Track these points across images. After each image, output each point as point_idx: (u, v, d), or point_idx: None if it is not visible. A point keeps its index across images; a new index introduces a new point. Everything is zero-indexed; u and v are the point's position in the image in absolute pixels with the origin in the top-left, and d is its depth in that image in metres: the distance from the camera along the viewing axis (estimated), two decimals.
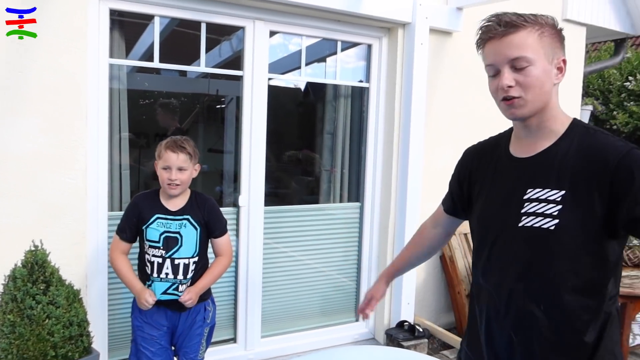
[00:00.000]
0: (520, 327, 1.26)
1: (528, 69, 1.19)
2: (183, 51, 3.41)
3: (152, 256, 2.17)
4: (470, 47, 4.06)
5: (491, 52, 1.24)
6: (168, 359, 2.25)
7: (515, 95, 1.21)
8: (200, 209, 2.21)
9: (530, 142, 1.29)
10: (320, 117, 3.94)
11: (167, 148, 2.13)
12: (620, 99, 7.30)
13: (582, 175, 1.18)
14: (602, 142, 1.20)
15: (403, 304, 3.48)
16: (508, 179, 1.32)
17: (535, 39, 1.20)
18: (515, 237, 1.26)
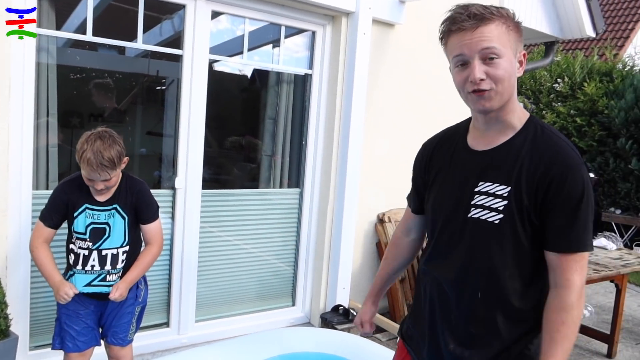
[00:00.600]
0: (461, 311, 1.32)
1: (497, 61, 1.19)
2: (120, 28, 3.26)
3: (79, 248, 2.08)
4: (412, 40, 4.17)
5: (460, 43, 1.22)
6: (94, 340, 2.16)
7: (487, 88, 1.20)
8: (129, 195, 2.10)
9: (488, 135, 1.31)
10: (264, 103, 3.91)
11: (88, 165, 1.91)
12: (549, 99, 7.73)
13: (527, 175, 1.21)
14: (554, 146, 1.22)
15: (339, 289, 3.54)
16: (462, 170, 1.34)
17: (503, 32, 1.21)
18: (463, 227, 1.29)
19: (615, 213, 6.85)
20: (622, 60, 7.80)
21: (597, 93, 7.11)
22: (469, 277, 1.30)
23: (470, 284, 1.30)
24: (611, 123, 6.86)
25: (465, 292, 1.31)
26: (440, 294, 1.37)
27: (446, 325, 1.36)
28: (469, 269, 1.30)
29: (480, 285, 1.28)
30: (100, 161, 1.91)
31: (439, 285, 1.37)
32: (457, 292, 1.32)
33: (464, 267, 1.30)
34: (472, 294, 1.30)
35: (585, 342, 3.87)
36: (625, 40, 10.62)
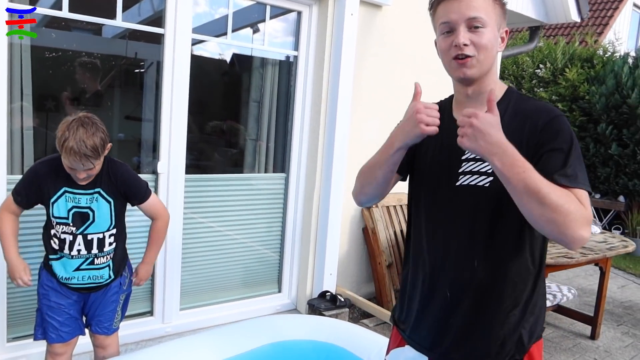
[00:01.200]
0: (456, 282, 1.31)
1: (482, 30, 1.23)
2: (97, 6, 3.12)
3: (62, 233, 1.97)
4: (399, 21, 4.10)
5: (448, 10, 1.25)
6: (78, 330, 2.08)
7: (469, 54, 1.23)
8: (113, 180, 2.00)
9: (471, 106, 1.30)
10: (247, 86, 3.81)
11: (70, 154, 1.80)
12: (531, 85, 7.78)
13: (515, 135, 1.20)
14: (535, 105, 1.27)
15: (325, 275, 3.50)
16: (449, 142, 1.32)
17: (490, 5, 1.25)
18: (453, 196, 1.30)
19: (595, 197, 6.96)
20: (603, 47, 7.87)
21: (579, 79, 7.17)
22: (463, 246, 1.29)
23: (467, 252, 1.29)
24: (592, 109, 6.94)
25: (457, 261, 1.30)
26: (432, 266, 1.35)
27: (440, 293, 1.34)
28: (462, 236, 1.29)
29: (477, 255, 1.27)
30: (84, 152, 1.79)
31: (432, 263, 1.35)
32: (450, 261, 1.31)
33: (457, 234, 1.30)
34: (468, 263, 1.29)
35: (568, 324, 3.93)
36: (604, 27, 10.72)
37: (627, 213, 6.63)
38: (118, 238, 2.08)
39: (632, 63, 6.90)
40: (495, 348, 1.29)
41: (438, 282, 1.34)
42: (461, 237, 1.29)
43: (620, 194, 6.83)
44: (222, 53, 5.41)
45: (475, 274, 1.28)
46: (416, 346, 1.40)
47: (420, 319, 1.39)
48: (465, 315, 1.30)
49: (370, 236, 3.72)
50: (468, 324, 1.30)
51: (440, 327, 1.34)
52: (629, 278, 5.48)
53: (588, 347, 3.57)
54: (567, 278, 5.17)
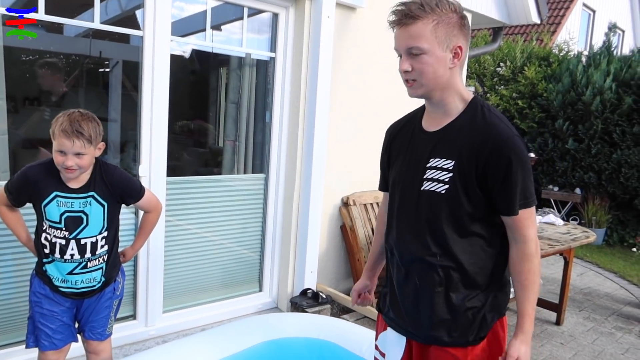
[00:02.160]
0: (423, 274, 1.47)
1: (422, 56, 1.36)
2: (64, 5, 3.05)
3: (54, 237, 1.95)
4: (373, 24, 4.20)
5: (395, 38, 1.41)
6: (71, 337, 2.06)
7: (412, 78, 1.39)
8: (106, 183, 1.99)
9: (437, 117, 1.47)
10: (220, 86, 3.82)
11: (62, 132, 1.81)
12: (492, 83, 8.07)
13: (467, 149, 1.38)
14: (490, 123, 1.38)
15: (306, 273, 3.57)
16: (418, 148, 1.50)
17: (430, 30, 1.34)
18: (418, 198, 1.46)
19: (553, 190, 7.31)
20: (559, 46, 8.24)
21: (537, 77, 7.49)
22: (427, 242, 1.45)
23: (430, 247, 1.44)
24: (550, 105, 7.27)
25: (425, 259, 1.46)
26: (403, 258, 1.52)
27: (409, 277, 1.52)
28: (425, 234, 1.45)
29: (438, 249, 1.44)
30: (76, 128, 1.82)
31: (402, 257, 1.52)
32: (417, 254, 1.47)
33: (420, 232, 1.46)
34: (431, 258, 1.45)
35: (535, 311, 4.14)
36: (557, 26, 11.21)
37: (583, 204, 7.00)
38: (110, 240, 2.07)
39: (585, 62, 7.27)
40: (461, 327, 1.45)
41: (409, 272, 1.50)
42: (425, 234, 1.45)
43: (576, 187, 7.21)
44: (197, 53, 5.37)
45: (438, 265, 1.44)
46: (395, 327, 1.58)
47: (397, 303, 1.56)
48: (432, 300, 1.46)
49: (348, 233, 3.81)
50: (435, 307, 1.46)
51: (413, 310, 1.51)
52: (586, 266, 5.80)
53: (554, 333, 3.78)
54: None
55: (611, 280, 5.30)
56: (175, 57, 3.05)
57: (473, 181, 1.37)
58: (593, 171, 6.90)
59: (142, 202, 2.13)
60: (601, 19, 12.87)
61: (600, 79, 6.75)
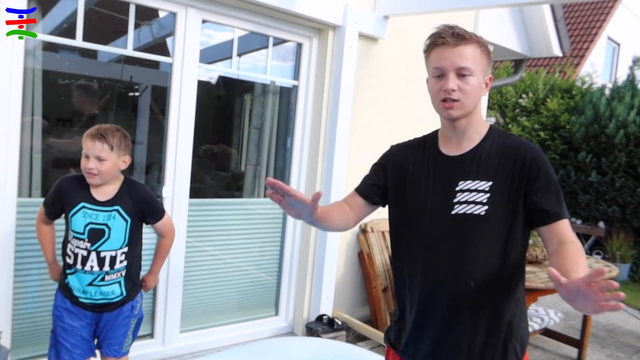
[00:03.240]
0: (453, 302, 1.41)
1: (469, 78, 1.38)
2: (99, 32, 3.21)
3: (76, 247, 2.04)
4: (394, 54, 4.29)
5: (440, 57, 1.40)
6: (89, 352, 2.12)
7: (455, 98, 1.38)
8: (132, 199, 2.09)
9: (458, 142, 1.47)
10: (244, 111, 3.92)
11: (87, 136, 2.01)
12: (514, 114, 8.06)
13: (504, 168, 1.39)
14: (519, 142, 1.43)
15: (322, 299, 3.57)
16: (441, 174, 1.47)
17: (478, 55, 1.40)
18: (450, 224, 1.41)
19: (576, 223, 7.18)
20: (582, 78, 8.22)
21: (559, 109, 7.47)
22: (461, 270, 1.40)
23: (459, 273, 1.40)
24: (572, 137, 7.21)
25: (458, 285, 1.41)
26: (428, 288, 1.45)
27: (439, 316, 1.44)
28: (459, 261, 1.40)
29: (471, 274, 1.39)
30: (101, 132, 1.99)
31: (430, 286, 1.45)
32: (450, 286, 1.42)
33: (454, 260, 1.41)
34: (465, 284, 1.40)
35: (555, 347, 4.05)
36: (581, 59, 11.19)
37: (606, 239, 6.85)
38: (130, 257, 2.14)
39: (609, 95, 7.23)
40: (498, 356, 1.41)
41: (435, 302, 1.44)
42: (458, 260, 1.40)
43: (600, 220, 7.07)
44: (223, 80, 5.54)
45: (471, 294, 1.39)
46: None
47: (418, 337, 1.48)
48: (462, 332, 1.41)
49: (366, 260, 3.82)
50: (466, 340, 1.41)
51: (439, 344, 1.44)
52: None
53: None
54: (552, 302, 5.31)
55: (636, 317, 5.15)
56: (201, 82, 3.17)
57: (516, 198, 1.36)
58: (617, 205, 6.77)
59: (160, 223, 2.22)
60: (626, 52, 12.80)
61: (624, 112, 6.69)
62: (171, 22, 3.11)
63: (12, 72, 2.47)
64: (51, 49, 4.38)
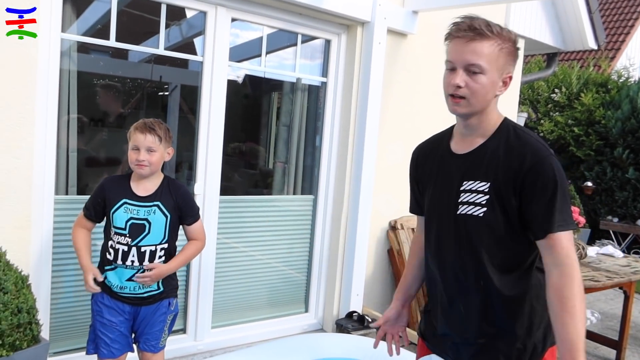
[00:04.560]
0: (466, 300, 1.43)
1: (479, 75, 1.32)
2: (130, 33, 3.27)
3: (117, 243, 2.09)
4: (423, 50, 4.23)
5: (454, 50, 1.36)
6: (127, 347, 2.16)
7: (461, 95, 1.34)
8: (172, 195, 2.14)
9: (468, 139, 1.45)
10: (272, 109, 3.94)
11: (136, 129, 2.08)
12: (547, 109, 7.87)
13: (503, 170, 1.34)
14: (525, 142, 1.35)
15: (352, 296, 3.56)
16: (449, 172, 1.47)
17: (495, 52, 1.32)
18: (454, 223, 1.42)
19: (612, 221, 6.97)
20: (618, 72, 7.96)
21: (594, 103, 7.25)
22: (466, 266, 1.41)
23: (469, 272, 1.41)
24: (608, 133, 7.00)
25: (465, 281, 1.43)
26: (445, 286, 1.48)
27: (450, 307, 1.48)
28: (463, 259, 1.41)
29: (476, 273, 1.40)
30: (149, 125, 2.07)
31: (444, 280, 1.48)
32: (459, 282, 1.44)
33: (457, 257, 1.42)
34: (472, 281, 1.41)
35: (592, 348, 3.93)
36: (616, 52, 10.84)
37: None
38: (168, 254, 2.18)
39: None
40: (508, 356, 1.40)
41: (453, 300, 1.46)
42: (465, 260, 1.41)
43: (638, 218, 6.84)
44: (251, 78, 5.57)
45: (481, 292, 1.40)
46: (440, 354, 1.54)
47: (443, 330, 1.51)
48: (478, 328, 1.42)
49: (395, 257, 3.78)
50: (482, 336, 1.42)
51: (460, 339, 1.46)
52: None
53: None
54: (589, 302, 5.16)
55: None
56: (229, 81, 3.19)
57: (512, 202, 1.32)
58: None
59: (194, 226, 2.24)
60: None
61: None
62: (200, 22, 3.14)
63: (50, 74, 2.53)
64: (84, 50, 4.49)
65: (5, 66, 2.33)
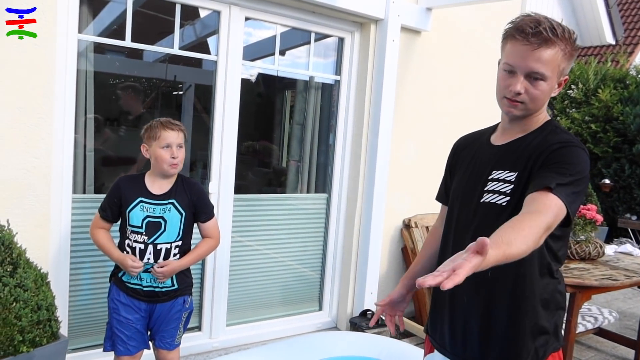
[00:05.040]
0: (472, 290, 1.39)
1: (541, 82, 1.30)
2: (144, 33, 3.29)
3: (134, 242, 2.11)
4: (437, 47, 4.21)
5: (516, 54, 1.30)
6: (143, 344, 2.19)
7: (520, 100, 1.32)
8: (187, 193, 2.16)
9: (509, 132, 1.44)
10: (285, 108, 3.94)
11: (165, 127, 2.09)
12: (563, 106, 7.75)
13: (531, 160, 1.33)
14: (559, 137, 1.34)
15: (366, 294, 3.56)
16: (482, 161, 1.46)
17: (558, 58, 1.29)
18: (476, 210, 1.40)
19: (631, 219, 6.85)
20: (637, 67, 7.82)
21: (612, 99, 7.12)
22: None
23: None
24: (626, 129, 6.87)
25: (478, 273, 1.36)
26: None
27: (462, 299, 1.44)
28: None
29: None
30: (173, 122, 2.12)
31: None
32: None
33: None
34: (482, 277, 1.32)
35: (610, 347, 3.88)
36: (635, 47, 10.65)
37: None
38: (182, 252, 2.19)
39: None
40: (511, 353, 1.37)
41: (458, 291, 1.39)
42: None
43: None
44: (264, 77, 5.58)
45: (488, 282, 1.35)
46: (442, 351, 1.52)
47: (444, 325, 1.50)
48: (480, 320, 1.40)
49: (410, 256, 3.77)
50: (483, 329, 1.40)
51: (461, 332, 1.44)
52: None
53: None
54: (606, 301, 5.09)
55: None
56: (243, 80, 3.20)
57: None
58: None
59: (209, 224, 2.25)
60: None
61: None
62: (213, 21, 3.16)
63: (67, 74, 2.57)
64: (100, 51, 4.54)
65: (23, 68, 2.37)
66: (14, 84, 2.35)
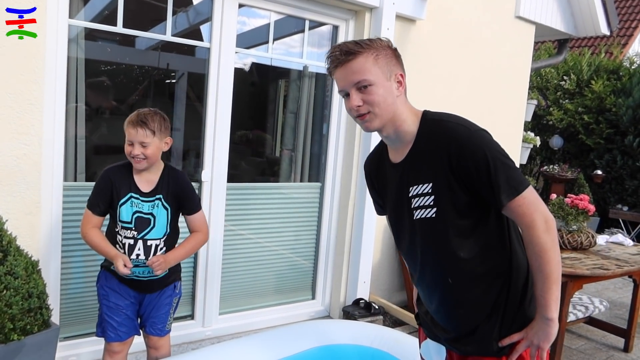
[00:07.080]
0: (437, 291, 1.49)
1: (370, 88, 1.36)
2: (137, 20, 3.25)
3: (124, 237, 2.09)
4: (432, 36, 4.18)
5: (339, 78, 1.41)
6: (133, 330, 2.18)
7: (365, 112, 1.38)
8: (171, 186, 2.13)
9: (398, 148, 1.48)
10: (279, 97, 3.91)
11: (129, 123, 2.04)
12: (556, 97, 7.77)
13: (436, 165, 1.37)
14: (446, 129, 1.38)
15: (359, 283, 3.57)
16: (396, 183, 1.51)
17: (371, 63, 1.37)
18: (414, 228, 1.46)
19: (622, 210, 6.91)
20: (630, 58, 7.84)
21: (605, 91, 7.16)
22: (434, 264, 1.46)
23: (438, 268, 1.46)
24: (619, 121, 6.91)
25: (434, 278, 1.48)
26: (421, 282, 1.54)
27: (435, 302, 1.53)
28: (429, 257, 1.46)
29: (444, 267, 1.44)
30: (141, 119, 2.01)
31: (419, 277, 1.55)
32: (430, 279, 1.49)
33: (425, 257, 1.47)
34: (442, 280, 1.46)
35: (600, 336, 3.92)
36: (629, 38, 10.67)
37: None
38: (169, 245, 2.18)
39: None
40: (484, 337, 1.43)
41: (431, 294, 1.52)
42: (430, 259, 1.46)
43: None
44: (257, 66, 5.54)
45: (449, 286, 1.45)
46: (433, 337, 1.61)
47: (429, 317, 1.59)
48: (452, 319, 1.49)
49: None
50: (458, 326, 1.48)
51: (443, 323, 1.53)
52: None
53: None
54: (597, 290, 5.14)
55: None
56: (236, 69, 3.17)
57: (457, 192, 1.35)
58: None
59: (195, 217, 2.21)
60: None
61: None
62: (207, 8, 3.12)
63: (57, 60, 2.53)
64: (91, 37, 4.47)
65: (12, 53, 2.33)
66: (2, 69, 2.31)
